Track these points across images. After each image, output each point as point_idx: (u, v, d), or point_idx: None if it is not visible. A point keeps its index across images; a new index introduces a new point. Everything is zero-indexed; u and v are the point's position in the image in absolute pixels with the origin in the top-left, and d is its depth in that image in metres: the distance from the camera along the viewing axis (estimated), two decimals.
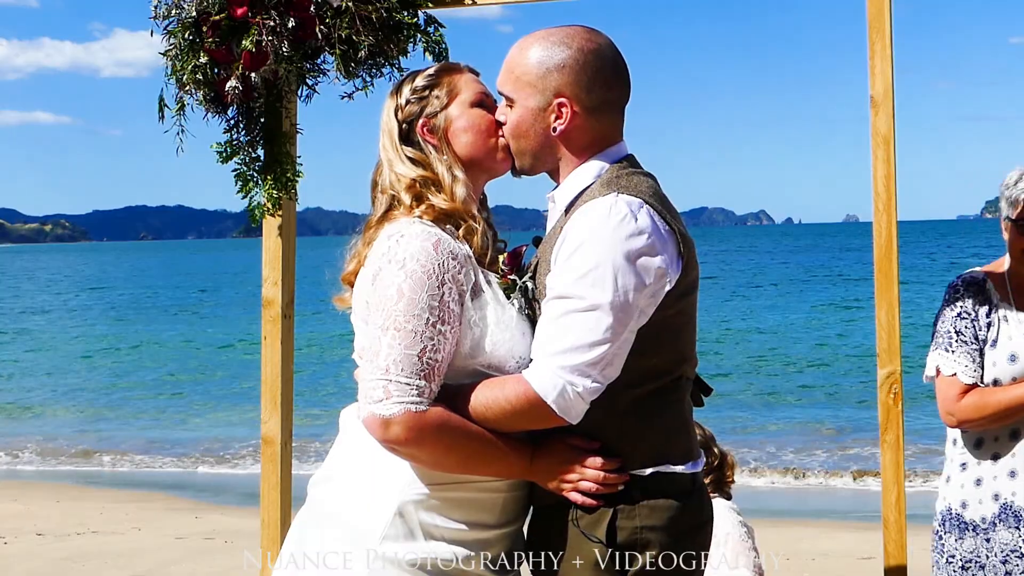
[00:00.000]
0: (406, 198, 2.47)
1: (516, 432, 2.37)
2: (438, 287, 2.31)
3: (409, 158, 2.53)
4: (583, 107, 2.42)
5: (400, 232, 2.38)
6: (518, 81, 2.46)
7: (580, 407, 2.29)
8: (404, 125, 2.55)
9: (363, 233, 2.53)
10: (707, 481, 4.13)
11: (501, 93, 2.51)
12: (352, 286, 2.51)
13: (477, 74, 2.62)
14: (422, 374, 2.29)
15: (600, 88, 2.43)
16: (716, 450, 4.19)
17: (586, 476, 2.34)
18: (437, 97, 2.54)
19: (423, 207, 2.45)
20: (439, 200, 2.47)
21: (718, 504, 4.11)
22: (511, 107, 2.48)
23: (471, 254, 2.42)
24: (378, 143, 2.59)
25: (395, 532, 2.35)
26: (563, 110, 2.42)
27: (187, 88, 3.20)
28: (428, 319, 2.30)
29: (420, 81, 2.57)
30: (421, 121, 2.54)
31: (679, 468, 2.40)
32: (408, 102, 2.56)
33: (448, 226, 2.44)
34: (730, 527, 4.01)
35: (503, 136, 2.51)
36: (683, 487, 2.40)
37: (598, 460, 2.34)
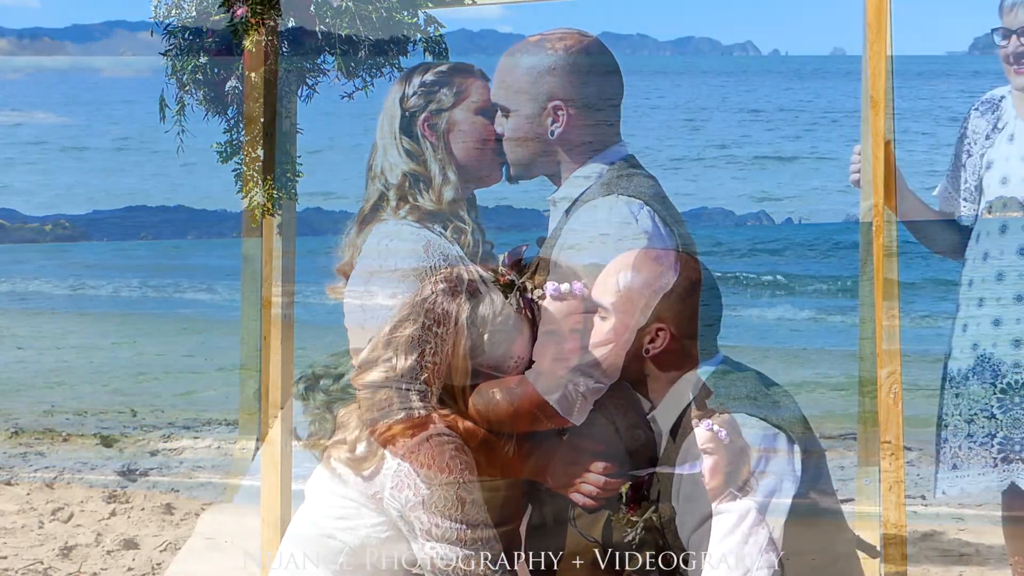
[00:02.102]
0: (392, 198, 2.47)
1: (520, 432, 2.37)
2: (431, 290, 2.31)
3: (405, 149, 2.51)
4: (578, 107, 2.42)
5: (390, 236, 2.39)
6: (510, 89, 2.46)
7: (584, 407, 2.29)
8: (407, 114, 2.54)
9: (357, 224, 2.52)
10: None
11: (496, 105, 2.50)
12: (347, 277, 2.51)
13: (488, 80, 2.60)
14: (422, 377, 2.29)
15: (593, 86, 2.43)
16: None
17: (588, 480, 2.34)
18: (445, 95, 2.53)
19: (407, 208, 2.45)
20: (425, 201, 2.46)
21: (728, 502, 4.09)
22: (507, 117, 2.47)
23: (463, 254, 2.41)
24: (377, 126, 2.58)
25: (396, 532, 2.35)
26: (559, 113, 2.42)
27: (187, 88, 3.21)
28: (424, 323, 2.29)
29: (430, 76, 2.56)
30: (424, 116, 2.53)
31: (677, 469, 2.39)
32: (415, 93, 2.54)
33: (436, 225, 2.44)
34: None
35: (500, 149, 2.50)
36: (681, 487, 2.40)
37: (601, 464, 2.34)
